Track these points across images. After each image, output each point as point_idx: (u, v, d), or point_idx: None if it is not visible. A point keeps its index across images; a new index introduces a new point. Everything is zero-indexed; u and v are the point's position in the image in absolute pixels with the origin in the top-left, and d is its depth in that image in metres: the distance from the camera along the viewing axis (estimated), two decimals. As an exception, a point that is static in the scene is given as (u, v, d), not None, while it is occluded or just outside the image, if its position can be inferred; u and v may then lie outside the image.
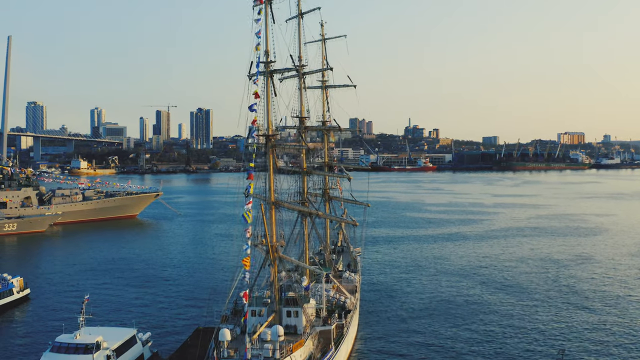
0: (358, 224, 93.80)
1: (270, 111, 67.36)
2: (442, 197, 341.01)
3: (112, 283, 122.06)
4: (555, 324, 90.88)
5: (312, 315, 70.00)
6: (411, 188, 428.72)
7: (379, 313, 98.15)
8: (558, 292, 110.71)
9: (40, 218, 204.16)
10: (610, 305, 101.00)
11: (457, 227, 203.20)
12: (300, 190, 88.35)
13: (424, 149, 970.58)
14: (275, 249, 68.13)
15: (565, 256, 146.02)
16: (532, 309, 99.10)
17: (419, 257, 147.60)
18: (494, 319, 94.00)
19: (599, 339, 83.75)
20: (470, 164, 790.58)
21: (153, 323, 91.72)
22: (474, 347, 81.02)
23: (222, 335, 59.83)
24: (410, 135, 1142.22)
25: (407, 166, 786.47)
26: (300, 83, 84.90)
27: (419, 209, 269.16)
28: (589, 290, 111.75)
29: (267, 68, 67.30)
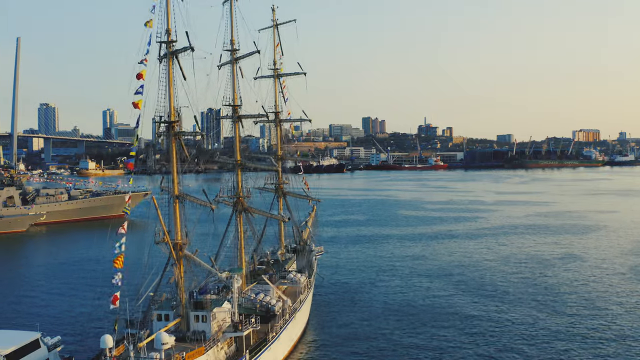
0: (287, 220, 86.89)
1: (172, 96, 61.20)
2: (442, 195, 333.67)
3: (41, 286, 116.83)
4: (522, 326, 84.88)
5: (225, 320, 63.97)
6: (415, 186, 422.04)
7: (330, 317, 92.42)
8: (534, 293, 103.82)
9: (20, 218, 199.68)
10: (588, 307, 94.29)
11: (447, 226, 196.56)
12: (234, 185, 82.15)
13: (436, 148, 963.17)
14: (180, 247, 62.25)
15: (551, 255, 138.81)
16: (502, 312, 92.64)
17: (394, 257, 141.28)
18: (461, 323, 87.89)
19: (573, 345, 77.60)
20: (482, 162, 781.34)
21: (71, 327, 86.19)
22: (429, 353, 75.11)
23: (104, 342, 53.90)
24: (424, 134, 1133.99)
25: (417, 165, 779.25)
26: (234, 69, 78.92)
27: (414, 207, 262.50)
28: (568, 291, 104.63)
29: (169, 48, 61.29)
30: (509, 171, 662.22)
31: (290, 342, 76.97)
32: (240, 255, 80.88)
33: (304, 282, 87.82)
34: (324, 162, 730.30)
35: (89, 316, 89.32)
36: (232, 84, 79.14)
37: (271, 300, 73.88)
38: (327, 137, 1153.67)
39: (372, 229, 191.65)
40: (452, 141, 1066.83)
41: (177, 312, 63.50)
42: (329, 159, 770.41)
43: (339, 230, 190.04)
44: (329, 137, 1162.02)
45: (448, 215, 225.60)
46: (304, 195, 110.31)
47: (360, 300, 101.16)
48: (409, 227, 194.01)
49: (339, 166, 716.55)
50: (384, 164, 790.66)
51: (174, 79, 61.41)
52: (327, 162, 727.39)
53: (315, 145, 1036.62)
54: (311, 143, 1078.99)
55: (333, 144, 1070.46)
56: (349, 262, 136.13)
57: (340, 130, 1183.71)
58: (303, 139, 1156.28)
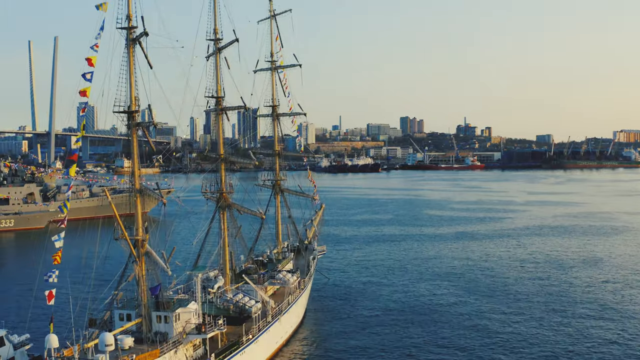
0: (265, 217, 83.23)
1: (132, 85, 58.05)
2: (473, 195, 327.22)
3: (20, 284, 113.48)
4: (529, 333, 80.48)
5: (190, 321, 60.66)
6: (447, 186, 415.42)
7: (327, 319, 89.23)
8: (546, 298, 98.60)
9: (38, 215, 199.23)
10: (603, 316, 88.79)
11: (470, 226, 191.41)
12: (217, 181, 79.04)
13: (474, 148, 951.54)
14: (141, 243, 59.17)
15: (572, 258, 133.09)
16: (509, 318, 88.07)
17: (408, 258, 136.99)
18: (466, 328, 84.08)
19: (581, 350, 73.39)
20: (520, 162, 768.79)
21: (44, 325, 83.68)
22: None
23: (48, 342, 51.04)
24: (462, 134, 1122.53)
25: (454, 164, 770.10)
26: (217, 59, 75.71)
27: (441, 207, 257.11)
28: (583, 299, 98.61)
29: (131, 35, 58.21)
30: (546, 171, 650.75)
31: (274, 345, 73.68)
32: (224, 254, 77.58)
33: (294, 283, 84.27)
34: (359, 161, 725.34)
35: (62, 316, 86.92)
36: (215, 75, 75.81)
37: (249, 301, 70.43)
38: (365, 137, 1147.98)
39: (392, 229, 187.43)
40: (491, 141, 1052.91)
41: (138, 311, 60.46)
42: (364, 158, 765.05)
43: (358, 230, 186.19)
44: (366, 136, 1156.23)
45: (474, 216, 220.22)
46: (301, 192, 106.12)
47: (362, 303, 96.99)
48: (431, 228, 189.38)
49: (374, 166, 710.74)
50: (420, 163, 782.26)
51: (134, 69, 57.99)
52: (362, 162, 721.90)
53: (352, 145, 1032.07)
54: (348, 142, 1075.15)
55: (370, 144, 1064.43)
56: (359, 263, 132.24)
57: (378, 130, 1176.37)
58: (340, 138, 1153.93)
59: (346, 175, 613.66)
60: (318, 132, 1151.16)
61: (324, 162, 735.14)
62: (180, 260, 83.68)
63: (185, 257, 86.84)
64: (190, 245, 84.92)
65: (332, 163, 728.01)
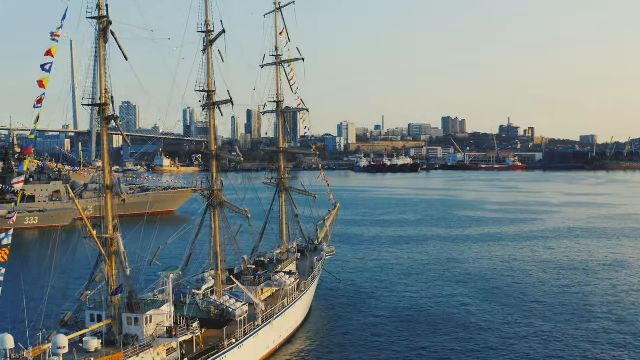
0: (250, 215, 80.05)
1: (103, 76, 55.59)
2: (508, 195, 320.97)
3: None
4: (546, 341, 76.62)
5: (162, 323, 58.07)
6: (484, 187, 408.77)
7: (330, 323, 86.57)
8: (566, 305, 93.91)
9: (62, 212, 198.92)
10: (624, 323, 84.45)
11: (498, 227, 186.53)
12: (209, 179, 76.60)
13: (516, 148, 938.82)
14: (111, 242, 56.79)
15: (599, 262, 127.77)
16: (524, 323, 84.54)
17: (427, 259, 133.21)
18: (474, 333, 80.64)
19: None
20: (562, 162, 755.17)
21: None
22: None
23: (3, 342, 48.83)
24: (505, 134, 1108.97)
25: (495, 165, 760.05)
26: (208, 52, 73.08)
27: (472, 208, 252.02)
28: (604, 305, 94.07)
29: (101, 24, 55.78)
30: (588, 172, 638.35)
31: (263, 349, 70.87)
32: (215, 254, 74.95)
33: (291, 285, 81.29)
34: (398, 161, 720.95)
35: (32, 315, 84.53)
36: (206, 68, 73.18)
37: (235, 303, 67.51)
38: (406, 137, 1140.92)
39: (417, 230, 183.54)
40: (533, 142, 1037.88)
41: (109, 312, 58.09)
42: (403, 158, 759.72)
43: (382, 230, 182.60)
44: (407, 136, 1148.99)
45: (504, 217, 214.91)
46: (303, 191, 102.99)
47: (370, 308, 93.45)
48: (457, 229, 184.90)
49: (414, 166, 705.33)
50: (460, 163, 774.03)
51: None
52: (401, 162, 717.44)
53: (393, 145, 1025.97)
54: (389, 142, 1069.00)
55: (411, 144, 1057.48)
56: (376, 264, 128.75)
57: (419, 130, 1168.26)
58: (381, 138, 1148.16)
59: (385, 175, 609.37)
60: (359, 132, 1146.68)
61: (362, 162, 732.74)
62: (178, 261, 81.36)
63: (180, 258, 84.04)
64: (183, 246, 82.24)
65: (371, 163, 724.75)
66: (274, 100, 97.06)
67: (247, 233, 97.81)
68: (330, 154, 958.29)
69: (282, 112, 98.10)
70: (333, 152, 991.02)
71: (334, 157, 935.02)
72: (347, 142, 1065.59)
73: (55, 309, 60.57)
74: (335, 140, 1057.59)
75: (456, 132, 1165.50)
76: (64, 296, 63.98)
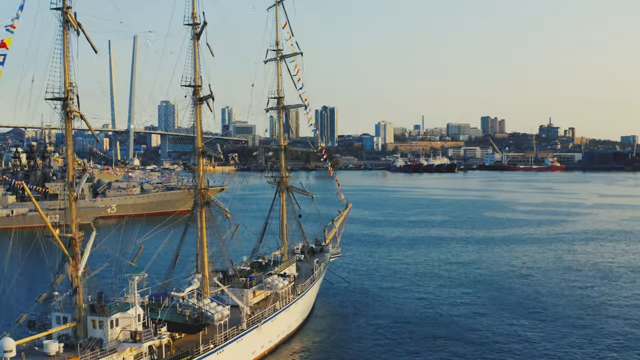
0: (230, 215, 77.27)
1: (68, 69, 53.28)
2: (541, 196, 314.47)
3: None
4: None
5: (129, 327, 55.66)
6: (518, 187, 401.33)
7: (327, 329, 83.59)
8: (582, 313, 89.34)
9: (84, 210, 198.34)
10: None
11: (525, 229, 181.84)
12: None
13: (556, 148, 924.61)
14: (75, 241, 54.52)
15: (624, 267, 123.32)
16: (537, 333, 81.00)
17: (442, 262, 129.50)
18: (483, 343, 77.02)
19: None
20: (601, 163, 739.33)
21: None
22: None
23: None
24: (544, 135, 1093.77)
25: (533, 165, 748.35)
26: (195, 45, 70.59)
27: (502, 209, 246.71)
28: (624, 314, 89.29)
29: (66, 14, 53.43)
30: (628, 173, 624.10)
31: (249, 355, 68.22)
32: (202, 255, 72.47)
33: (284, 288, 78.44)
34: (434, 161, 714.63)
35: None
36: (193, 62, 70.71)
37: (216, 307, 64.69)
38: (444, 137, 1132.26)
39: (440, 231, 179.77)
40: (573, 142, 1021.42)
41: (74, 314, 55.91)
42: (440, 158, 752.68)
43: (404, 231, 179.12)
44: (445, 136, 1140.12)
45: (532, 218, 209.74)
46: (302, 190, 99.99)
47: (376, 312, 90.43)
48: (482, 230, 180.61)
49: (450, 166, 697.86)
50: (498, 164, 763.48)
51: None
52: (437, 162, 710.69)
53: (431, 145, 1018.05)
54: (427, 142, 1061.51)
55: (449, 144, 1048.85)
56: (389, 266, 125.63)
57: (458, 130, 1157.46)
58: (419, 138, 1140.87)
59: (421, 175, 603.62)
60: (397, 132, 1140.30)
61: (399, 162, 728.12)
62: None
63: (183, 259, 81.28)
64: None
65: (408, 163, 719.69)
66: (275, 97, 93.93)
67: (248, 233, 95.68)
68: (367, 154, 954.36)
69: (283, 108, 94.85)
70: (370, 152, 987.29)
71: (370, 157, 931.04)
72: (385, 142, 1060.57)
73: (19, 311, 58.74)
74: (372, 140, 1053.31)
75: (495, 132, 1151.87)
76: (30, 298, 61.92)
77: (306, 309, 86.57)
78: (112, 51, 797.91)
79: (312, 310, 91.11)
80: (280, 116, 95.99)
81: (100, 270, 60.63)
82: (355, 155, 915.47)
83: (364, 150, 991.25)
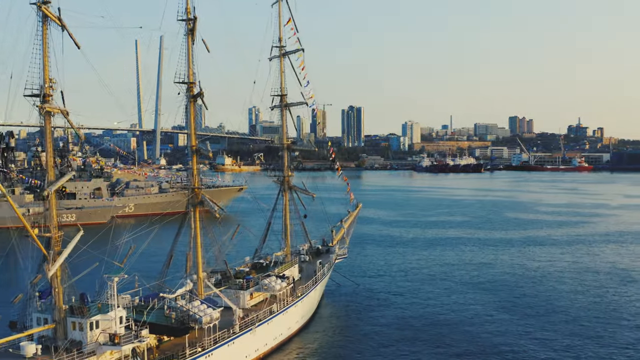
0: (220, 216, 75.58)
1: (47, 66, 51.96)
2: (565, 197, 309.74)
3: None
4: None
5: (108, 329, 54.31)
6: (544, 187, 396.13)
7: (328, 333, 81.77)
8: (598, 322, 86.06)
9: (100, 209, 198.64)
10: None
11: (545, 230, 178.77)
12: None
13: (584, 149, 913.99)
14: (55, 241, 53.30)
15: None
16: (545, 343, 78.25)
17: (455, 264, 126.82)
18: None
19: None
20: (630, 164, 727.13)
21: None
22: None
23: None
24: (573, 135, 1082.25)
25: (560, 166, 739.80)
26: (189, 41, 69.22)
27: (524, 209, 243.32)
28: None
29: (44, 10, 52.09)
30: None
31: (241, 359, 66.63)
32: (196, 255, 71.04)
33: (282, 290, 76.80)
34: (460, 161, 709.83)
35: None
36: (186, 58, 69.32)
37: (206, 309, 63.16)
38: (472, 137, 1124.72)
39: (458, 232, 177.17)
40: (602, 142, 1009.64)
41: (53, 316, 54.72)
42: (466, 158, 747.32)
43: (421, 232, 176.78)
44: (473, 136, 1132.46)
45: (553, 219, 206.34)
46: (303, 189, 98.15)
47: (382, 316, 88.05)
48: (500, 231, 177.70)
49: (477, 166, 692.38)
50: (525, 164, 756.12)
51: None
52: (464, 162, 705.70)
53: (458, 145, 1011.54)
54: (454, 142, 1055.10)
55: (476, 144, 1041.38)
56: (401, 268, 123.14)
57: (485, 130, 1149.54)
58: (447, 138, 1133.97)
59: (447, 176, 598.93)
60: (424, 132, 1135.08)
61: (425, 162, 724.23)
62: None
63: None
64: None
65: (433, 163, 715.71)
66: (278, 94, 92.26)
67: (254, 233, 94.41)
68: (394, 154, 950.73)
69: (286, 106, 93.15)
70: (397, 152, 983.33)
71: (397, 157, 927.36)
72: (412, 141, 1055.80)
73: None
74: (399, 140, 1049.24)
75: (523, 132, 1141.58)
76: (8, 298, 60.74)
77: (308, 311, 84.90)
78: (139, 52, 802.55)
79: (316, 312, 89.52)
80: (284, 114, 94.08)
81: (90, 270, 59.54)
82: (382, 155, 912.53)
83: (390, 150, 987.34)
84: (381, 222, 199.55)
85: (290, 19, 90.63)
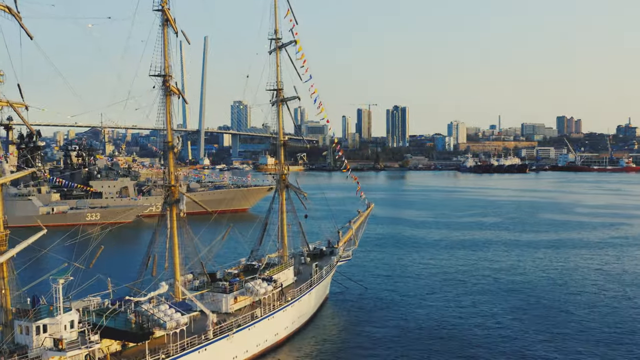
0: (184, 215, 72.19)
1: None
2: (606, 198, 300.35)
3: None
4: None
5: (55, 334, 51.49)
6: (587, 188, 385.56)
7: (323, 339, 78.33)
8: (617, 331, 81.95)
9: (124, 209, 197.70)
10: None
11: (578, 232, 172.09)
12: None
13: (633, 149, 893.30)
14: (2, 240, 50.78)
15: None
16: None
17: (473, 268, 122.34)
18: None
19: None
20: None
21: None
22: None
23: None
24: (622, 135, 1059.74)
25: (607, 166, 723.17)
26: (164, 32, 66.28)
27: (561, 210, 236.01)
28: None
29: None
30: None
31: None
32: (173, 257, 68.07)
33: (267, 294, 73.34)
34: (505, 161, 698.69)
35: None
36: (162, 49, 66.38)
37: (174, 314, 59.92)
38: (519, 137, 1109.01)
39: (486, 233, 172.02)
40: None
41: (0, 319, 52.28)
42: (511, 158, 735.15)
43: (447, 233, 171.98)
44: (520, 136, 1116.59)
45: (589, 221, 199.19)
46: (297, 188, 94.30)
47: (386, 322, 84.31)
48: (530, 233, 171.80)
49: (521, 166, 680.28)
50: (571, 164, 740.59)
51: None
52: (508, 162, 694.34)
53: (504, 145, 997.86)
54: (500, 142, 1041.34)
55: (523, 144, 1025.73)
56: (417, 270, 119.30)
57: (532, 130, 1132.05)
58: (493, 138, 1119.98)
59: (491, 176, 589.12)
60: (470, 132, 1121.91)
61: (469, 162, 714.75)
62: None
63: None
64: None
65: (478, 163, 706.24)
66: (273, 89, 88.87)
67: (252, 234, 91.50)
68: (439, 154, 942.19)
69: (282, 101, 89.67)
70: (442, 152, 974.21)
71: (442, 157, 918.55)
72: (457, 142, 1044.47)
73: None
74: (444, 140, 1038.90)
75: (571, 132, 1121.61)
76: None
77: (302, 316, 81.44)
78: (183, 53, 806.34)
79: (315, 317, 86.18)
80: (280, 109, 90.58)
81: (58, 270, 56.88)
82: (427, 155, 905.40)
83: (435, 150, 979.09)
84: (409, 223, 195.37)
85: (288, 10, 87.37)
